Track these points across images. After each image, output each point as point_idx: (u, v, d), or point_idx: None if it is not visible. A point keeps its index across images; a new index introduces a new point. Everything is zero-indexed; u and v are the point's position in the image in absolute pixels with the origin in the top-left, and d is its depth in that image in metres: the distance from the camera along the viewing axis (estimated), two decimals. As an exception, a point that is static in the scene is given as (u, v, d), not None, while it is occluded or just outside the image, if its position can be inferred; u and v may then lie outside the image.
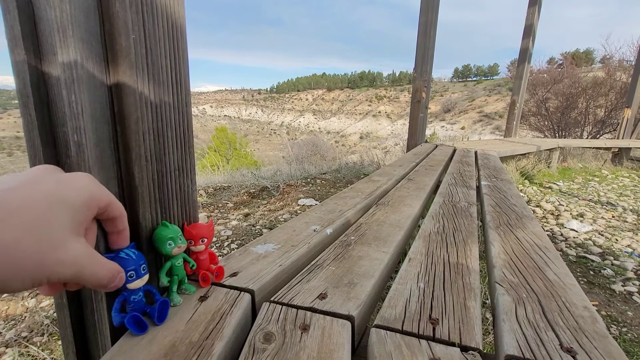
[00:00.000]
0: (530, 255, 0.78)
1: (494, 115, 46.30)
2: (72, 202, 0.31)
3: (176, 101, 0.51)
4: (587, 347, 0.47)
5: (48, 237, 0.28)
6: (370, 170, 3.93)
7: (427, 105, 3.89)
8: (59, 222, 0.29)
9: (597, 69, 10.46)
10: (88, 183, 0.34)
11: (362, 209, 1.12)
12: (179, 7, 0.49)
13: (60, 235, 0.29)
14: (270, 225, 2.18)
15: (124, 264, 0.40)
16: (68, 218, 0.30)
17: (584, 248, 2.23)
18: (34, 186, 0.29)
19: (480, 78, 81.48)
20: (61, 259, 0.29)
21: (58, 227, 0.29)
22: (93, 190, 0.34)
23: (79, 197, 0.31)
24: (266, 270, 0.63)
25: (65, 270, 0.30)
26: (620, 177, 4.59)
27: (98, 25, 0.42)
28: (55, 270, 0.29)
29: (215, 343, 0.43)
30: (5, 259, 0.26)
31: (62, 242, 0.29)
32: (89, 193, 0.33)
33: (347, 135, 66.57)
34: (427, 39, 3.50)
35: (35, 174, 0.31)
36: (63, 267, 0.29)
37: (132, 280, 0.41)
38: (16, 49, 0.37)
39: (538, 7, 5.26)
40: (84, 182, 0.33)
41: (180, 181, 0.54)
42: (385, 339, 0.47)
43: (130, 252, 0.42)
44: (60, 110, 0.39)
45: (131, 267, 0.41)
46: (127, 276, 0.40)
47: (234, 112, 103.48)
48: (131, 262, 0.41)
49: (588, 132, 8.67)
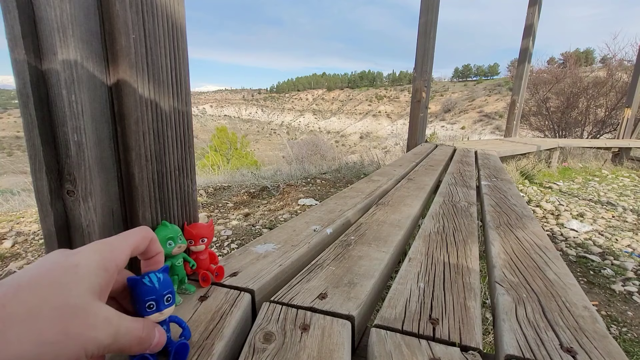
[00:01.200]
0: (530, 255, 0.78)
1: (494, 115, 46.31)
2: (85, 266, 0.29)
3: (176, 101, 0.51)
4: (587, 347, 0.47)
5: (66, 303, 0.26)
6: (370, 170, 3.93)
7: (427, 105, 3.88)
8: (76, 288, 0.28)
9: (597, 68, 10.46)
10: (98, 247, 0.32)
11: (362, 208, 1.12)
12: (179, 6, 0.49)
13: (80, 300, 0.28)
14: (270, 225, 2.18)
15: (143, 291, 0.34)
16: (85, 284, 0.29)
17: (584, 248, 2.23)
18: (42, 263, 0.29)
19: (481, 78, 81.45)
20: (92, 323, 0.28)
21: (76, 293, 0.28)
22: (104, 252, 0.32)
23: (91, 261, 0.30)
24: (266, 270, 0.63)
25: (100, 334, 0.28)
26: (620, 177, 4.59)
27: (98, 24, 0.42)
28: (89, 337, 0.27)
29: (215, 343, 0.43)
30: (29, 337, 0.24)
31: (85, 307, 0.28)
32: (100, 255, 0.31)
33: (347, 135, 66.58)
34: (427, 39, 3.50)
35: (43, 259, 0.30)
36: (96, 330, 0.28)
37: (150, 312, 0.35)
38: (16, 49, 0.37)
39: (538, 7, 5.26)
40: (93, 247, 0.32)
41: (180, 181, 0.54)
42: (385, 338, 0.47)
43: (154, 278, 0.35)
44: (60, 110, 0.39)
45: (151, 297, 0.34)
46: (146, 307, 0.35)
47: (234, 112, 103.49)
48: (151, 291, 0.35)
49: (588, 132, 8.67)
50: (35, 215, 2.43)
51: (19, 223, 2.31)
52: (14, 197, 3.11)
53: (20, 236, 2.09)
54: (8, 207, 2.82)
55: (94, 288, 0.29)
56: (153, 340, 0.34)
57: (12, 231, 2.17)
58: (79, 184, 0.41)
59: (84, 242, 0.42)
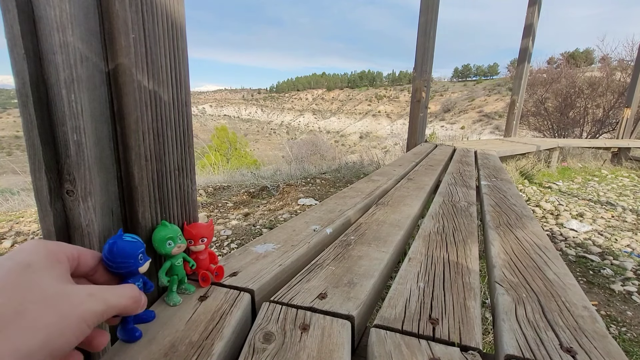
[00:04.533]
0: (530, 255, 0.78)
1: (493, 115, 46.32)
2: (37, 263, 0.30)
3: (176, 100, 0.51)
4: (586, 346, 0.47)
5: (43, 295, 0.28)
6: (370, 169, 3.93)
7: (427, 105, 3.88)
8: (42, 283, 0.29)
9: (595, 68, 10.47)
10: (36, 242, 0.33)
11: (362, 208, 1.12)
12: (179, 6, 0.49)
13: (53, 289, 0.29)
14: (270, 225, 2.18)
15: (133, 247, 0.39)
16: (46, 277, 0.30)
17: (584, 248, 2.24)
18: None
19: (480, 78, 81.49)
20: (78, 301, 0.29)
21: (46, 285, 0.29)
22: (47, 244, 0.33)
23: (40, 257, 0.31)
24: (266, 270, 0.63)
25: (91, 305, 0.30)
26: (619, 177, 4.59)
27: (98, 24, 0.42)
28: (82, 310, 0.29)
29: (215, 343, 0.43)
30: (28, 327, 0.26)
31: (62, 292, 0.29)
32: (44, 246, 0.32)
33: (347, 134, 66.56)
34: (427, 39, 3.50)
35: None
36: (86, 304, 0.30)
37: (142, 263, 0.40)
38: (16, 48, 0.36)
39: (538, 7, 5.26)
40: (32, 244, 0.33)
41: (180, 181, 0.54)
42: (385, 338, 0.47)
43: (128, 237, 0.40)
44: (59, 109, 0.39)
45: (140, 250, 0.40)
46: (138, 259, 0.40)
47: (234, 112, 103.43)
48: (139, 244, 0.40)
49: (587, 132, 8.68)
50: (35, 215, 2.42)
51: (19, 223, 2.31)
52: (13, 196, 3.11)
53: (19, 236, 2.08)
54: (8, 206, 2.82)
55: (60, 276, 0.31)
56: (143, 299, 0.37)
57: (12, 231, 2.17)
58: (79, 183, 0.41)
59: (83, 242, 0.42)
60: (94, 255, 0.38)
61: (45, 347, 0.26)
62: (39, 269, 0.30)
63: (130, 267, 0.39)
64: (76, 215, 0.42)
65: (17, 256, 0.30)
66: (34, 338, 0.25)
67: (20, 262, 0.29)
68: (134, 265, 0.39)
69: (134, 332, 0.42)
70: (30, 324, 0.26)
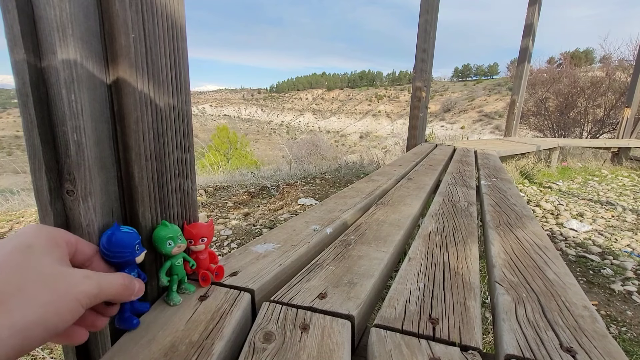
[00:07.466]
0: (530, 255, 0.78)
1: (493, 114, 46.30)
2: (38, 245, 0.32)
3: (176, 100, 0.51)
4: (586, 346, 0.47)
5: (41, 274, 0.30)
6: (370, 169, 3.93)
7: (427, 105, 3.88)
8: (41, 262, 0.31)
9: (596, 68, 10.46)
10: (37, 226, 0.35)
11: (362, 208, 1.12)
12: (179, 6, 0.49)
13: (51, 269, 0.31)
14: (270, 225, 2.18)
15: (130, 238, 0.41)
16: (47, 257, 0.31)
17: (584, 247, 2.24)
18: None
19: (480, 77, 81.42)
20: (74, 282, 0.31)
21: (45, 264, 0.31)
22: (48, 228, 0.35)
23: (41, 239, 0.33)
24: (266, 270, 0.63)
25: (85, 287, 0.32)
26: (619, 177, 4.59)
27: (98, 24, 0.42)
28: (77, 291, 0.31)
29: (215, 343, 0.43)
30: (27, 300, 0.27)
31: (59, 272, 0.31)
32: (45, 230, 0.34)
33: (347, 134, 66.54)
34: (427, 39, 3.49)
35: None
36: (81, 285, 0.31)
37: (139, 253, 0.42)
38: (15, 48, 0.36)
39: (538, 7, 5.26)
40: (33, 227, 0.34)
41: (180, 180, 0.54)
42: (385, 338, 0.47)
43: (125, 228, 0.42)
44: (59, 109, 0.39)
45: (137, 241, 0.42)
46: (135, 249, 0.42)
47: (234, 112, 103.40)
48: (135, 235, 0.42)
49: (587, 132, 8.67)
50: (35, 215, 2.42)
51: (19, 222, 2.31)
52: (13, 196, 3.11)
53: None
54: (8, 206, 2.82)
55: (59, 259, 0.33)
56: (135, 287, 0.39)
57: (12, 231, 2.17)
58: (79, 183, 0.41)
59: (83, 242, 0.42)
60: (91, 246, 0.40)
61: (41, 323, 0.27)
62: (39, 250, 0.31)
63: (127, 256, 0.41)
64: (76, 215, 0.42)
65: (19, 238, 0.32)
66: (32, 314, 0.27)
67: (22, 243, 0.31)
68: (130, 255, 0.41)
69: (132, 320, 0.44)
70: (29, 301, 0.27)
